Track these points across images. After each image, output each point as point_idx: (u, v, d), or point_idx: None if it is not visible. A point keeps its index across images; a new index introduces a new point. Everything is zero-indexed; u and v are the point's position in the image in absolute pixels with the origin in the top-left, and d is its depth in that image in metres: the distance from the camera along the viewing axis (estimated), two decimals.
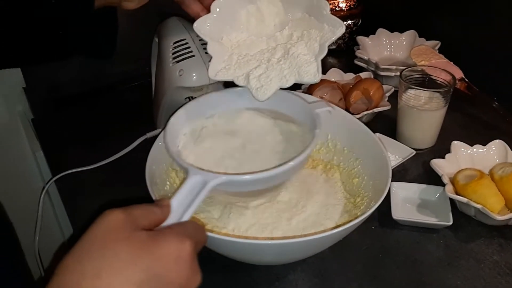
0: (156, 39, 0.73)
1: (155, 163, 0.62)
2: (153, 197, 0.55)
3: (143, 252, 0.35)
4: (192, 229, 0.40)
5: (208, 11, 0.58)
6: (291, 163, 0.50)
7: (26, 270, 0.83)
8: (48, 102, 0.98)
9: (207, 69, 0.66)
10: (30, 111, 0.99)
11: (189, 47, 0.66)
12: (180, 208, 0.42)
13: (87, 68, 0.99)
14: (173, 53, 0.66)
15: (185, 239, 0.37)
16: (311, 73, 0.56)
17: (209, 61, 0.60)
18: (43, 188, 0.78)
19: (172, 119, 0.58)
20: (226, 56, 0.60)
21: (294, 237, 0.58)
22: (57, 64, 0.95)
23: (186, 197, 0.44)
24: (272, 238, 0.59)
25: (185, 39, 0.67)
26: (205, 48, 0.66)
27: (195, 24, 0.59)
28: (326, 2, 0.55)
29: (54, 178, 0.78)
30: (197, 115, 0.61)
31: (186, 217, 0.42)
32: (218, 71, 0.60)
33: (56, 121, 0.95)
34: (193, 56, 0.65)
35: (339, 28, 0.55)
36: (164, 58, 0.68)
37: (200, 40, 0.67)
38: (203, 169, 0.49)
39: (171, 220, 0.41)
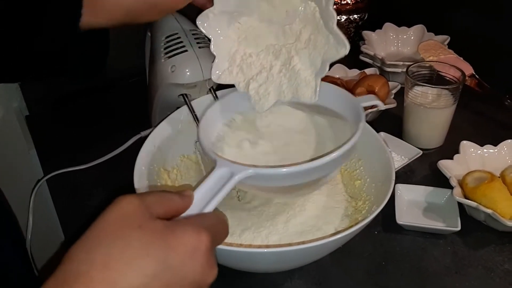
0: (149, 34, 0.70)
1: (146, 164, 0.59)
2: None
3: (157, 242, 0.32)
4: (212, 221, 0.38)
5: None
6: (320, 160, 0.47)
7: (28, 260, 0.81)
8: (44, 99, 0.96)
9: (201, 66, 0.63)
10: (26, 108, 0.97)
11: (181, 42, 0.62)
12: (202, 200, 0.40)
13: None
14: (165, 48, 0.63)
15: (203, 231, 0.34)
16: (308, 95, 0.54)
17: (213, 61, 0.58)
18: (34, 187, 0.76)
19: (208, 112, 0.57)
20: (231, 53, 0.58)
21: (290, 244, 0.55)
22: None
23: (211, 189, 0.41)
24: (267, 245, 0.56)
25: (177, 33, 0.63)
26: (198, 43, 0.63)
27: (198, 20, 0.56)
28: (334, 14, 0.50)
29: (45, 178, 0.76)
30: (232, 108, 0.59)
31: (208, 210, 0.39)
32: (221, 72, 0.58)
33: (51, 118, 0.93)
34: (186, 51, 0.62)
35: (342, 49, 0.52)
36: (156, 53, 0.65)
37: (193, 35, 0.64)
38: (230, 161, 0.46)
39: (191, 211, 0.39)
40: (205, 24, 0.56)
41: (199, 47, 0.64)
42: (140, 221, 0.33)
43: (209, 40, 0.58)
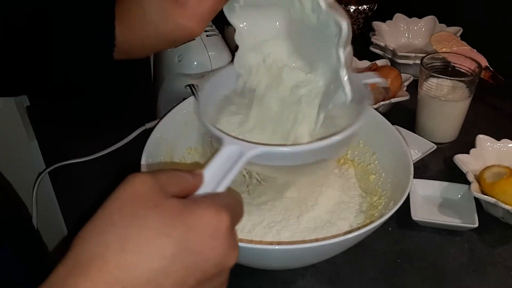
0: None
1: (152, 156, 0.57)
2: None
3: (176, 222, 0.30)
4: (230, 200, 0.35)
5: None
6: (333, 139, 0.44)
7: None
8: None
9: (209, 55, 0.60)
10: (26, 98, 0.94)
11: None
12: (213, 180, 0.37)
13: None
14: None
15: (223, 210, 0.32)
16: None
17: (236, 51, 0.53)
18: (36, 180, 0.74)
19: (204, 86, 0.53)
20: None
21: (304, 241, 0.52)
22: None
23: (220, 168, 0.38)
24: (279, 242, 0.53)
25: None
26: (206, 31, 0.61)
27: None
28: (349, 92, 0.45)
29: (48, 170, 0.74)
30: (230, 81, 0.55)
31: (220, 190, 0.37)
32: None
33: (53, 109, 0.91)
34: (193, 39, 0.59)
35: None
36: None
37: None
38: (239, 139, 0.43)
39: (203, 191, 0.36)
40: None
41: (207, 36, 0.61)
42: (156, 200, 0.31)
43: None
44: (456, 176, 0.66)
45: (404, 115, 0.80)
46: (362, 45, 1.01)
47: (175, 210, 0.31)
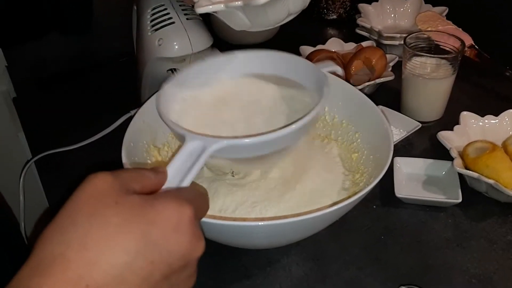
0: (135, 7, 0.67)
1: (134, 140, 0.57)
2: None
3: (137, 217, 0.30)
4: (192, 193, 0.36)
5: None
6: (295, 125, 0.45)
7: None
8: (31, 80, 0.93)
9: (189, 38, 0.60)
10: (13, 90, 0.94)
11: (168, 13, 0.60)
12: (177, 176, 0.38)
13: (72, 45, 0.93)
14: (151, 21, 0.60)
15: (185, 203, 0.32)
16: None
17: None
18: (22, 169, 0.74)
19: (166, 85, 0.53)
20: None
21: (286, 216, 0.53)
22: (40, 42, 0.91)
23: (184, 164, 0.39)
24: (262, 218, 0.54)
25: (163, 5, 0.61)
26: (186, 14, 0.60)
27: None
28: None
29: (34, 159, 0.74)
30: (193, 81, 0.56)
31: (184, 185, 0.37)
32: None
33: (39, 100, 0.90)
34: (173, 23, 0.59)
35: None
36: (142, 27, 0.62)
37: (180, 5, 0.61)
38: (201, 134, 0.43)
39: (167, 187, 0.36)
40: None
41: (187, 19, 0.61)
42: (116, 197, 0.31)
43: None
44: (441, 153, 0.66)
45: (389, 95, 0.80)
46: (348, 27, 1.01)
47: (136, 206, 0.31)
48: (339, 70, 0.54)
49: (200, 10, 0.52)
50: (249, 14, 0.54)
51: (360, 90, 0.73)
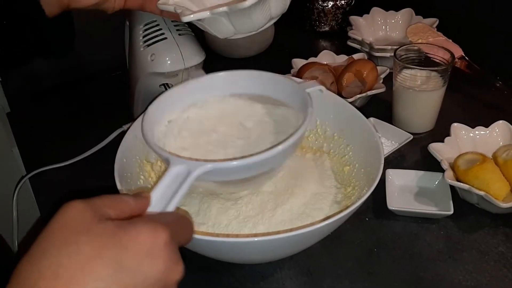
0: (127, 23, 0.68)
1: (127, 156, 0.57)
2: (121, 193, 0.51)
3: (109, 243, 0.30)
4: (171, 217, 0.35)
5: None
6: (281, 146, 0.45)
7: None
8: (25, 95, 0.94)
9: (181, 53, 0.61)
10: (7, 105, 0.94)
11: (160, 29, 0.60)
12: (161, 201, 0.38)
13: (65, 59, 0.94)
14: (144, 36, 0.61)
15: (159, 227, 0.32)
16: None
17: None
18: (16, 186, 0.74)
19: (151, 108, 0.53)
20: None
21: (278, 232, 0.53)
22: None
23: (168, 189, 0.39)
24: (255, 234, 0.54)
25: (155, 21, 0.61)
26: (178, 30, 0.61)
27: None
28: None
29: (28, 176, 0.74)
30: (178, 103, 0.57)
31: (169, 210, 0.37)
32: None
33: (33, 115, 0.91)
34: (165, 38, 0.60)
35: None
36: (135, 42, 0.63)
37: (172, 21, 0.62)
38: (185, 158, 0.44)
39: (149, 212, 0.36)
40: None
41: (179, 34, 0.62)
42: (88, 224, 0.31)
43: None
44: (433, 165, 0.67)
45: (381, 107, 0.80)
46: (340, 39, 1.02)
47: (108, 231, 0.31)
48: (323, 89, 0.55)
49: (185, 18, 0.53)
50: (234, 20, 0.55)
51: (352, 102, 0.74)
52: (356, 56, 0.88)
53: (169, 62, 0.61)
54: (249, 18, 0.54)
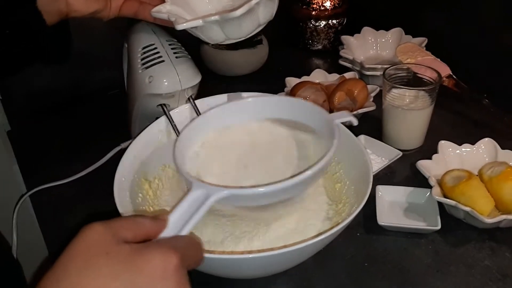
0: (126, 45, 0.70)
1: (125, 175, 0.59)
2: (120, 211, 0.53)
3: (125, 266, 0.33)
4: (183, 242, 0.38)
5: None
6: (300, 177, 0.46)
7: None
8: (25, 113, 0.96)
9: (178, 75, 0.63)
10: (7, 123, 0.96)
11: (158, 52, 0.63)
12: (178, 223, 0.40)
13: (64, 77, 0.97)
14: (142, 59, 0.63)
15: (171, 252, 0.34)
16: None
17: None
18: (16, 203, 0.75)
19: (183, 132, 0.56)
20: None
21: (273, 249, 0.55)
22: (33, 73, 0.93)
23: (186, 211, 0.41)
24: (250, 251, 0.56)
25: (153, 44, 0.64)
26: (175, 53, 0.64)
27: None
28: None
29: (28, 194, 0.76)
30: (209, 127, 0.60)
31: (184, 233, 0.39)
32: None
33: (33, 133, 0.93)
34: (163, 61, 0.62)
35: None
36: (133, 64, 0.65)
37: (170, 45, 0.64)
38: (205, 182, 0.46)
39: (166, 235, 0.39)
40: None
41: (176, 57, 0.64)
42: (107, 247, 0.33)
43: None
44: (422, 181, 0.69)
45: (371, 124, 0.83)
46: (332, 57, 1.05)
47: (125, 254, 0.33)
48: (355, 121, 0.54)
49: (180, 26, 0.57)
50: (225, 28, 0.58)
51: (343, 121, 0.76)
52: (347, 75, 0.91)
53: (166, 83, 0.63)
54: (239, 26, 0.58)
